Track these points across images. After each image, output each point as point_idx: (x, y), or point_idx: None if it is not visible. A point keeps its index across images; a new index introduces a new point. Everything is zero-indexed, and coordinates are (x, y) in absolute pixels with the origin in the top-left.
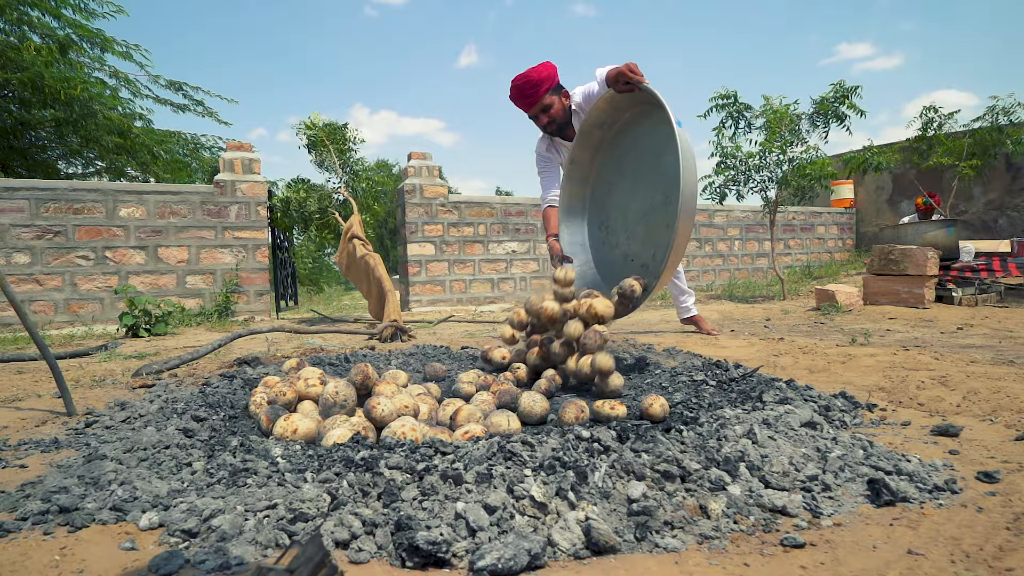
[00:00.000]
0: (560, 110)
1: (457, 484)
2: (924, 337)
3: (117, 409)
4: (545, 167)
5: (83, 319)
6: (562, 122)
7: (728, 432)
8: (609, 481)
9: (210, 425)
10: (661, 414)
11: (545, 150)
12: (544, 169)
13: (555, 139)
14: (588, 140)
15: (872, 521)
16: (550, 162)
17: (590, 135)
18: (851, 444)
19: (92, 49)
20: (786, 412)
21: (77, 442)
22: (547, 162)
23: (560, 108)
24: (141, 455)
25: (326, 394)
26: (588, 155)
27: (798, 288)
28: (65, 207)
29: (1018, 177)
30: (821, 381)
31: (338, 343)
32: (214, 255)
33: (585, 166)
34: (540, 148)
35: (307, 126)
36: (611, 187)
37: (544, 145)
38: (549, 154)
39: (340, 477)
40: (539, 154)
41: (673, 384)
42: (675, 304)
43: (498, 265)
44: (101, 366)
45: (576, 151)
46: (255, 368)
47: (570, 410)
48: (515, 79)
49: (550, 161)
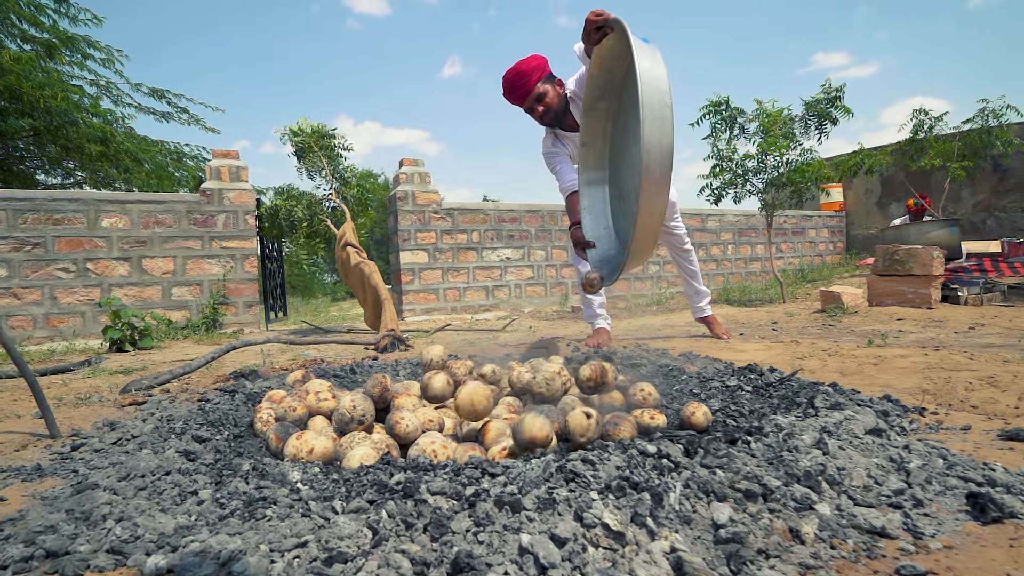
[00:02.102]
0: (555, 98)
1: (515, 511)
2: (940, 337)
3: (106, 430)
4: (555, 160)
5: (64, 334)
6: (559, 110)
7: (797, 443)
8: (687, 503)
9: (214, 446)
10: (704, 422)
11: (551, 146)
12: (555, 162)
13: (558, 133)
14: (595, 116)
15: (988, 542)
16: (557, 155)
17: (595, 110)
18: (926, 453)
19: (73, 55)
20: (846, 419)
21: (63, 469)
22: (555, 155)
23: (555, 96)
24: (139, 483)
25: (342, 409)
26: (599, 132)
27: (794, 291)
28: (44, 218)
29: (1005, 179)
30: (858, 384)
31: (334, 354)
32: (201, 266)
33: (598, 145)
34: (546, 145)
35: (294, 132)
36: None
37: (549, 141)
38: (555, 148)
39: (376, 506)
40: (546, 152)
41: (705, 390)
42: (690, 303)
43: (492, 272)
44: (85, 382)
45: (585, 133)
46: (254, 382)
47: (625, 427)
48: (506, 73)
49: (557, 154)
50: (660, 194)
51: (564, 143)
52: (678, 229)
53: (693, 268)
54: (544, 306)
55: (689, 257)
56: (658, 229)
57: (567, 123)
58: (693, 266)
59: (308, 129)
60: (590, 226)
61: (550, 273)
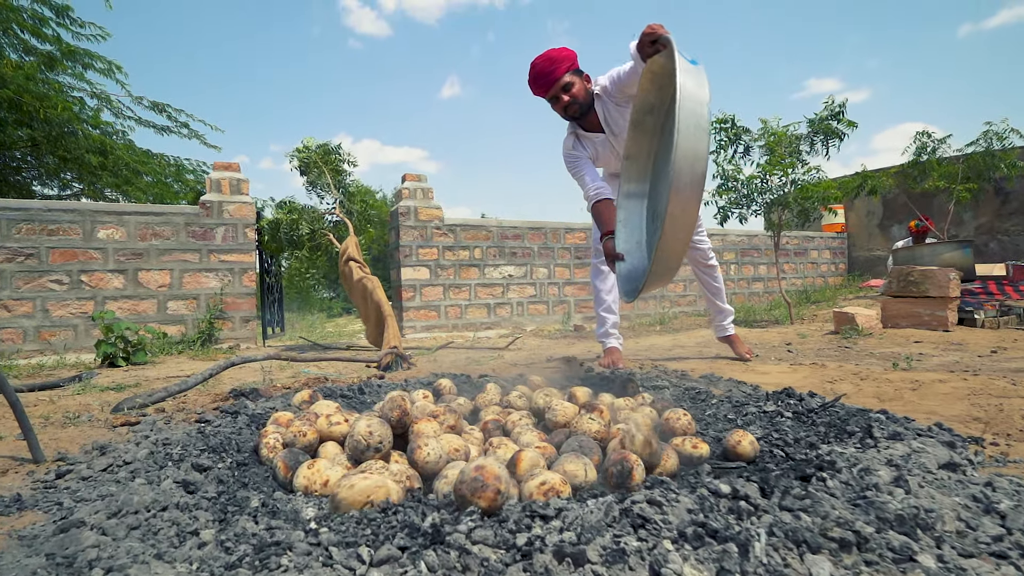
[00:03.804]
0: (582, 91)
1: (579, 565)
2: (965, 361)
3: (96, 454)
4: (578, 164)
5: (55, 347)
6: (584, 104)
7: (874, 479)
8: (776, 555)
9: (216, 476)
10: (752, 452)
11: (572, 148)
12: (578, 167)
13: (580, 134)
14: (641, 131)
15: None
16: (580, 159)
17: (642, 124)
18: (1014, 491)
19: (74, 67)
20: (914, 452)
21: (46, 500)
22: (576, 159)
23: (582, 89)
24: (131, 521)
25: (357, 434)
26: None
27: (800, 312)
28: (39, 228)
29: (1008, 201)
30: (899, 411)
31: (335, 371)
32: (198, 279)
33: (642, 159)
34: (567, 147)
35: (299, 150)
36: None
37: (570, 143)
38: (576, 151)
39: (412, 555)
40: (567, 154)
41: (741, 415)
42: (712, 321)
43: (494, 290)
44: (75, 400)
45: (630, 146)
46: (256, 401)
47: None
48: (535, 60)
49: (579, 158)
50: (687, 215)
51: (585, 144)
52: (703, 243)
53: (717, 285)
54: (546, 324)
55: (714, 273)
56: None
57: (590, 120)
58: (717, 283)
59: (313, 146)
60: (623, 238)
61: (552, 291)
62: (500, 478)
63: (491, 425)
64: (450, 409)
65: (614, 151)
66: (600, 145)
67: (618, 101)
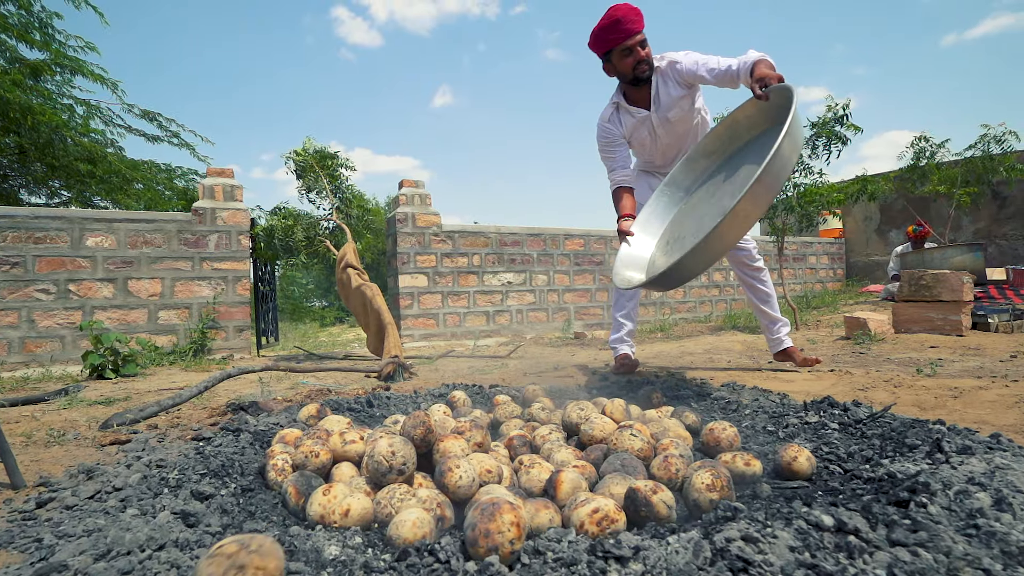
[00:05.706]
0: (650, 54)
1: None
2: (988, 366)
3: (82, 478)
4: (611, 141)
5: (41, 359)
6: (650, 70)
7: (976, 503)
8: None
9: (219, 505)
10: (809, 469)
11: (607, 120)
12: (611, 144)
13: (620, 105)
14: (693, 167)
15: None
16: (615, 136)
17: (695, 163)
18: None
19: (63, 73)
20: (997, 468)
21: (23, 536)
22: (611, 137)
23: (650, 52)
24: (122, 564)
25: (378, 456)
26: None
27: (802, 318)
28: (25, 236)
29: (1005, 206)
30: (947, 421)
31: (334, 382)
32: (190, 288)
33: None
34: (603, 118)
35: (297, 152)
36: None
37: (608, 114)
38: (611, 125)
39: None
40: (601, 126)
41: (781, 427)
42: (765, 334)
43: (493, 297)
44: (60, 415)
45: (679, 173)
46: (257, 416)
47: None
48: (618, 7)
49: (614, 136)
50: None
51: (623, 119)
52: (747, 243)
53: (767, 290)
54: (547, 332)
55: (761, 276)
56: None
57: (641, 92)
58: (767, 287)
59: (311, 149)
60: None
61: (552, 298)
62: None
63: (517, 441)
64: (476, 424)
65: (652, 133)
66: (640, 121)
67: (680, 81)
